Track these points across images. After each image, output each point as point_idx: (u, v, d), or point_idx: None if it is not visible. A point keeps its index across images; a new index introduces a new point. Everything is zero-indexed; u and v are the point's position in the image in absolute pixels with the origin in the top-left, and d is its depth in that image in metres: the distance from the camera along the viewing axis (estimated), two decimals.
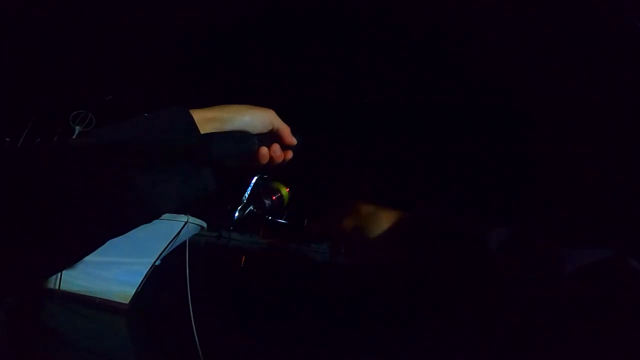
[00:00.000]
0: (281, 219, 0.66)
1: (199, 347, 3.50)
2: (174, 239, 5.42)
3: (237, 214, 0.61)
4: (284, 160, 0.64)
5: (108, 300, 5.78)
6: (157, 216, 0.51)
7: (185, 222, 5.28)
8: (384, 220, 0.65)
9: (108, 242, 0.56)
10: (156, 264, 5.79)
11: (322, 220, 0.69)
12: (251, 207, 0.63)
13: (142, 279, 5.80)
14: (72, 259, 0.46)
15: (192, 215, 5.35)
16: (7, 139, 7.25)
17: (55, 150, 0.44)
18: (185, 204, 0.56)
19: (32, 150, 0.44)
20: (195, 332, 3.61)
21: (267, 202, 0.63)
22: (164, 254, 5.74)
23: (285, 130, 0.64)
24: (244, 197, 0.62)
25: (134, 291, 5.81)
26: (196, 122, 0.53)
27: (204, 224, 5.96)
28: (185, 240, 4.93)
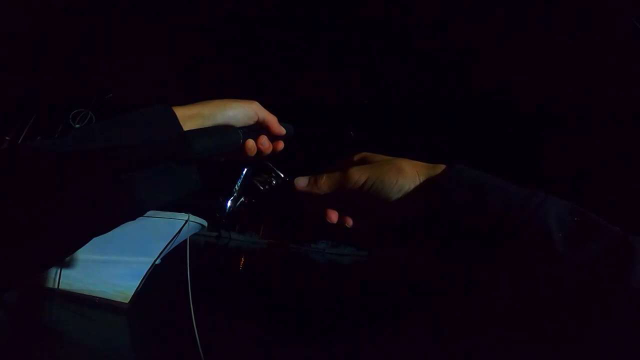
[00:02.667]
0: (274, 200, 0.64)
1: (199, 346, 3.50)
2: (174, 237, 5.40)
3: (229, 204, 0.60)
4: (274, 150, 0.63)
5: (108, 299, 5.77)
6: (141, 214, 0.51)
7: (186, 221, 5.27)
8: (408, 173, 0.53)
9: (108, 241, 0.56)
10: (157, 263, 5.78)
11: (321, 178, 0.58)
12: (242, 199, 0.61)
13: (142, 278, 5.79)
14: (55, 257, 0.46)
15: (193, 214, 5.34)
16: (7, 138, 7.26)
17: (40, 149, 0.44)
18: (171, 201, 0.56)
19: (17, 149, 0.44)
20: (196, 331, 3.61)
21: (257, 191, 0.62)
22: (164, 253, 5.73)
23: (271, 120, 0.63)
24: (234, 189, 0.61)
25: (135, 290, 5.79)
26: (179, 119, 0.53)
27: (205, 223, 5.94)
28: (186, 239, 4.92)
